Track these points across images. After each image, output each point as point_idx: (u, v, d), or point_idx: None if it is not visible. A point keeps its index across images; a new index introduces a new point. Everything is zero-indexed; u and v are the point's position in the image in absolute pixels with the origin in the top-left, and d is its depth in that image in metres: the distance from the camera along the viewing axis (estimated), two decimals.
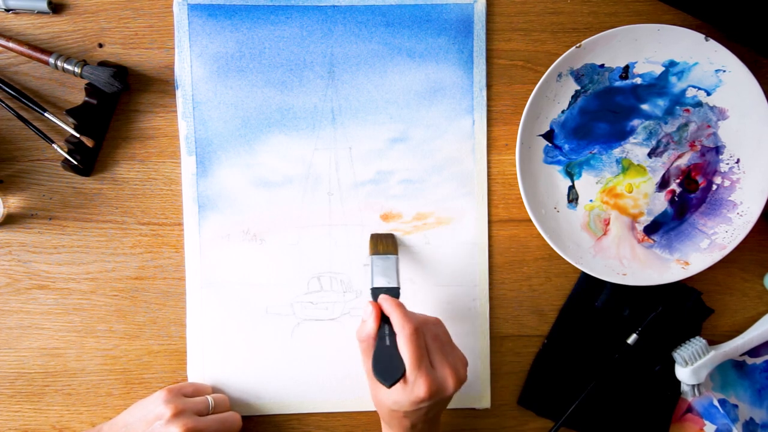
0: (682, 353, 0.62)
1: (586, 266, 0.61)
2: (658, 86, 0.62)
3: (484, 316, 0.64)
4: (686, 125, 0.62)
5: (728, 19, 0.60)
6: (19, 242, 0.62)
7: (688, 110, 0.62)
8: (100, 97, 0.59)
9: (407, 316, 0.52)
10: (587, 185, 0.63)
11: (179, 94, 0.61)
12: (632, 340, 0.63)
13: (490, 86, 0.63)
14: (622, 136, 0.63)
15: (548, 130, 0.62)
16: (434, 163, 0.63)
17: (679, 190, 0.63)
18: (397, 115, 0.63)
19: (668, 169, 0.63)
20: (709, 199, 0.63)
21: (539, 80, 0.60)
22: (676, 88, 0.62)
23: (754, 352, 0.65)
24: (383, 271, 0.58)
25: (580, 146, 0.63)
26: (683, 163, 0.63)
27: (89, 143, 0.60)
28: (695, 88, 0.62)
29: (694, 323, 0.64)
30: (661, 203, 0.63)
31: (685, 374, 0.62)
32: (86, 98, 0.59)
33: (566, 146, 0.63)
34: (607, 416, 0.64)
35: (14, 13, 0.60)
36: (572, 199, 0.63)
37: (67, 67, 0.58)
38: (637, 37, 0.60)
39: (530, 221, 0.61)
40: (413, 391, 0.50)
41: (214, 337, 0.62)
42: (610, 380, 0.64)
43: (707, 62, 0.60)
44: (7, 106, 0.60)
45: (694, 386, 0.63)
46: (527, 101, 0.60)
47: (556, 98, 0.62)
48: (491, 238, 0.64)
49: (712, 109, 0.62)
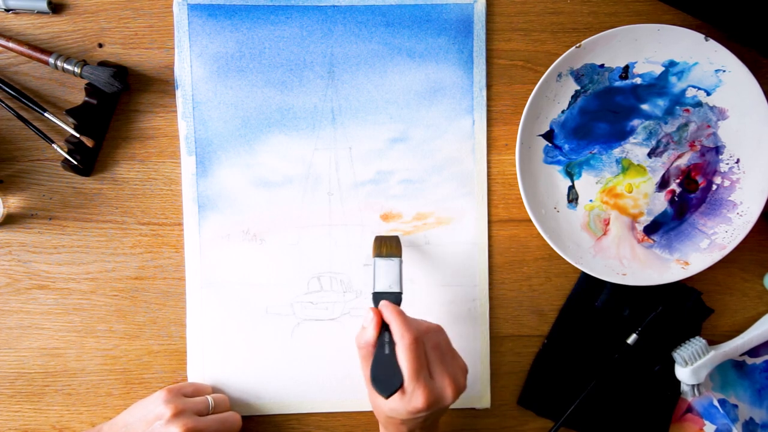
0: (682, 353, 0.62)
1: (586, 266, 0.61)
2: (658, 86, 0.62)
3: (484, 316, 0.64)
4: (686, 125, 0.62)
5: (728, 19, 0.60)
6: (19, 242, 0.62)
7: (688, 110, 0.62)
8: (100, 97, 0.59)
9: (407, 324, 0.51)
10: (587, 185, 0.63)
11: (179, 94, 0.61)
12: (632, 340, 0.63)
13: (490, 86, 0.63)
14: (622, 136, 0.63)
15: (548, 130, 0.62)
16: (434, 163, 0.63)
17: (679, 190, 0.63)
18: (397, 115, 0.63)
19: (668, 169, 0.63)
20: (709, 199, 0.63)
21: (539, 80, 0.60)
22: (676, 88, 0.62)
23: (754, 352, 0.65)
24: (385, 274, 0.57)
25: (580, 146, 0.63)
26: (683, 163, 0.63)
27: (89, 143, 0.60)
28: (695, 88, 0.62)
29: (694, 323, 0.64)
30: (661, 203, 0.63)
31: (685, 374, 0.62)
32: (86, 98, 0.59)
33: (566, 146, 0.63)
34: (607, 416, 0.64)
35: (14, 13, 0.60)
36: (572, 199, 0.63)
37: (67, 67, 0.58)
38: (637, 37, 0.60)
39: (530, 221, 0.61)
40: (411, 401, 0.49)
41: (214, 337, 0.62)
42: (610, 380, 0.64)
43: (707, 62, 0.60)
44: (7, 106, 0.60)
45: (694, 386, 0.63)
46: (527, 101, 0.60)
47: (556, 98, 0.62)
48: (491, 238, 0.64)
49: (712, 109, 0.62)
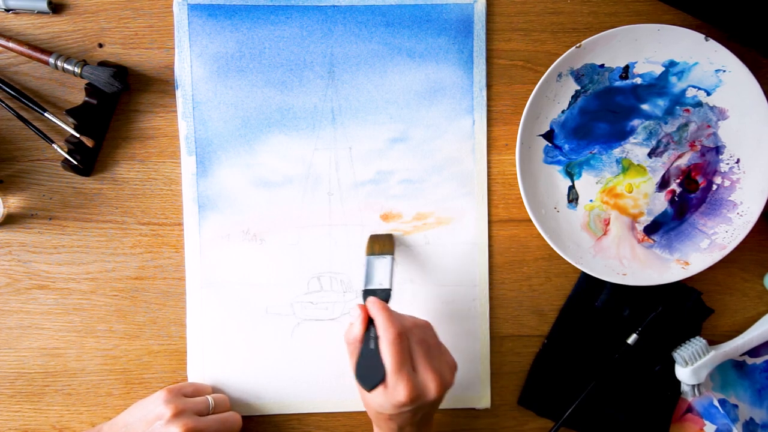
0: (682, 353, 0.62)
1: (586, 266, 0.61)
2: (658, 86, 0.62)
3: (484, 316, 0.64)
4: (686, 125, 0.62)
5: (728, 19, 0.60)
6: (19, 242, 0.62)
7: (688, 110, 0.62)
8: (100, 97, 0.59)
9: (391, 319, 0.51)
10: (587, 185, 0.63)
11: (179, 94, 0.61)
12: (632, 340, 0.63)
13: (490, 86, 0.63)
14: (622, 136, 0.63)
15: (548, 130, 0.62)
16: (434, 163, 0.63)
17: (679, 190, 0.63)
18: (397, 115, 0.63)
19: (668, 169, 0.63)
20: (709, 199, 0.63)
21: (539, 80, 0.60)
22: (676, 88, 0.62)
23: (754, 352, 0.65)
24: (376, 272, 0.58)
25: (580, 146, 0.63)
26: (683, 163, 0.63)
27: (89, 143, 0.60)
28: (695, 88, 0.62)
29: (694, 323, 0.64)
30: (661, 203, 0.63)
31: (685, 374, 0.62)
32: (86, 98, 0.59)
33: (566, 146, 0.63)
34: (607, 416, 0.64)
35: (14, 13, 0.60)
36: (572, 199, 0.63)
37: (67, 67, 0.58)
38: (637, 37, 0.60)
39: (530, 221, 0.61)
40: (393, 395, 0.50)
41: (214, 337, 0.62)
42: (610, 380, 0.64)
43: (707, 62, 0.60)
44: (7, 106, 0.60)
45: (694, 386, 0.63)
46: (527, 101, 0.60)
47: (556, 98, 0.62)
48: (491, 238, 0.64)
49: (712, 109, 0.62)
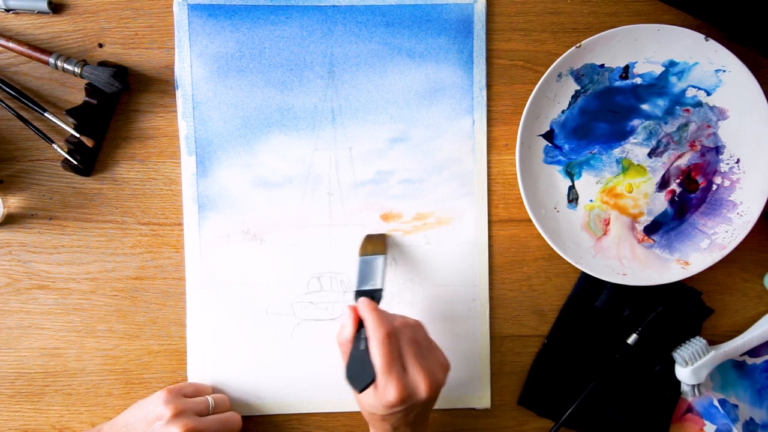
0: (682, 353, 0.62)
1: (586, 266, 0.61)
2: (658, 86, 0.62)
3: (484, 316, 0.64)
4: (686, 125, 0.62)
5: (728, 19, 0.60)
6: (19, 242, 0.62)
7: (688, 110, 0.62)
8: (100, 97, 0.59)
9: (381, 319, 0.51)
10: (587, 185, 0.63)
11: (179, 94, 0.61)
12: (632, 340, 0.63)
13: (490, 86, 0.63)
14: (622, 136, 0.63)
15: (548, 130, 0.62)
16: (434, 163, 0.63)
17: (679, 190, 0.63)
18: (397, 115, 0.63)
19: (668, 169, 0.63)
20: (709, 199, 0.63)
21: (539, 80, 0.60)
22: (676, 88, 0.62)
23: (754, 352, 0.65)
24: (368, 272, 0.58)
25: (580, 146, 0.63)
26: (683, 163, 0.63)
27: (89, 143, 0.60)
28: (695, 88, 0.62)
29: (694, 323, 0.64)
30: (661, 203, 0.63)
31: (685, 374, 0.62)
32: (86, 98, 0.59)
33: (566, 146, 0.63)
34: (607, 416, 0.64)
35: (14, 13, 0.60)
36: (572, 199, 0.63)
37: (67, 67, 0.58)
38: (637, 37, 0.60)
39: (530, 221, 0.61)
40: (384, 396, 0.49)
41: (214, 337, 0.62)
42: (610, 380, 0.64)
43: (707, 62, 0.60)
44: (7, 106, 0.60)
45: (694, 386, 0.63)
46: (527, 101, 0.60)
47: (556, 98, 0.62)
48: (491, 238, 0.64)
49: (712, 109, 0.62)
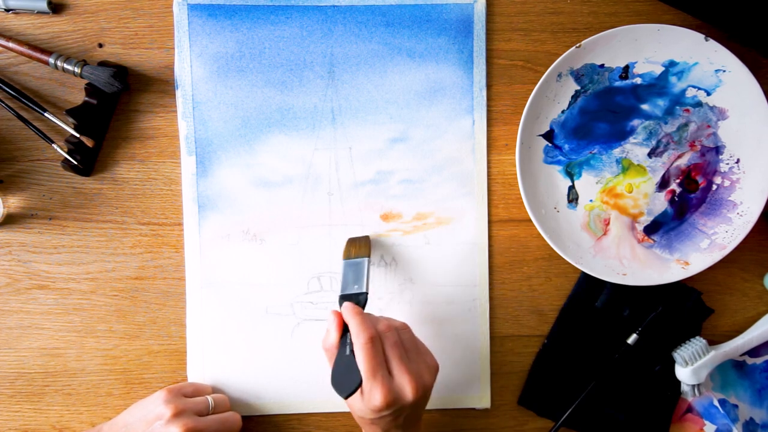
0: (682, 353, 0.62)
1: (586, 266, 0.61)
2: (658, 86, 0.62)
3: (484, 316, 0.64)
4: (686, 125, 0.62)
5: (728, 19, 0.60)
6: (19, 242, 0.62)
7: (688, 110, 0.62)
8: (100, 97, 0.59)
9: (364, 324, 0.51)
10: (587, 185, 0.63)
11: (179, 94, 0.61)
12: (632, 340, 0.63)
13: (490, 86, 0.63)
14: (622, 136, 0.63)
15: (548, 130, 0.62)
16: (434, 163, 0.63)
17: (679, 190, 0.63)
18: (397, 115, 0.63)
19: (668, 169, 0.63)
20: (709, 199, 0.63)
21: (539, 80, 0.60)
22: (676, 88, 0.62)
23: (754, 352, 0.65)
24: (352, 276, 0.58)
25: (580, 146, 0.63)
26: (683, 163, 0.63)
27: (89, 143, 0.60)
28: (695, 88, 0.62)
29: (694, 323, 0.64)
30: (661, 203, 0.63)
31: (685, 374, 0.62)
32: (86, 98, 0.59)
33: (566, 146, 0.63)
34: (607, 416, 0.64)
35: (14, 13, 0.60)
36: (572, 199, 0.63)
37: (67, 67, 0.58)
38: (637, 37, 0.60)
39: (530, 221, 0.61)
40: (370, 400, 0.49)
41: (214, 337, 0.62)
42: (610, 380, 0.64)
43: (707, 62, 0.60)
44: (7, 106, 0.60)
45: (694, 386, 0.63)
46: (527, 101, 0.60)
47: (556, 98, 0.62)
48: (491, 238, 0.64)
49: (712, 109, 0.62)
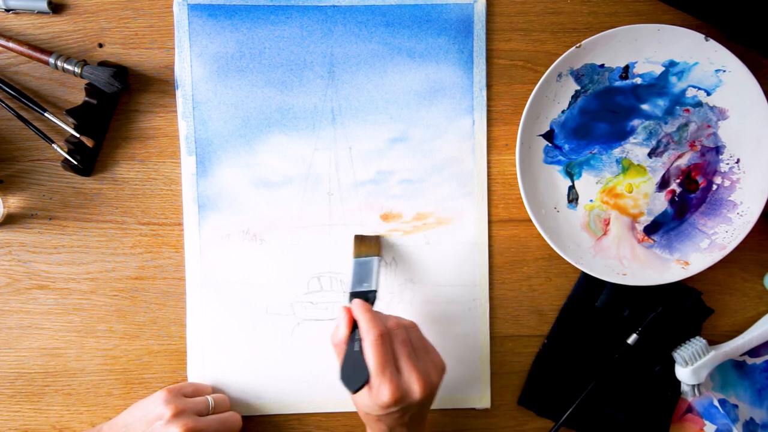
0: (682, 353, 0.62)
1: (586, 266, 0.61)
2: (658, 86, 0.62)
3: (484, 316, 0.64)
4: (686, 125, 0.62)
5: (728, 19, 0.60)
6: (19, 242, 0.62)
7: (688, 110, 0.62)
8: (100, 97, 0.59)
9: (374, 320, 0.51)
10: (587, 185, 0.63)
11: (179, 94, 0.61)
12: (632, 340, 0.63)
13: (490, 86, 0.63)
14: (622, 136, 0.63)
15: (548, 130, 0.62)
16: (434, 163, 0.63)
17: (679, 190, 0.63)
18: (397, 115, 0.63)
19: (668, 169, 0.63)
20: (709, 199, 0.63)
21: (539, 80, 0.60)
22: (676, 88, 0.62)
23: (754, 352, 0.65)
24: (362, 274, 0.58)
25: (580, 146, 0.63)
26: (683, 163, 0.63)
27: (89, 143, 0.60)
28: (695, 88, 0.62)
29: (694, 323, 0.64)
30: (661, 203, 0.63)
31: (685, 374, 0.62)
32: (86, 98, 0.59)
33: (566, 146, 0.63)
34: (607, 416, 0.64)
35: (14, 13, 0.60)
36: (572, 199, 0.63)
37: (67, 67, 0.58)
38: (637, 37, 0.60)
39: (530, 221, 0.61)
40: (378, 396, 0.50)
41: (214, 337, 0.62)
42: (610, 380, 0.64)
43: (707, 62, 0.60)
44: (7, 106, 0.60)
45: (694, 386, 0.63)
46: (527, 101, 0.60)
47: (556, 98, 0.62)
48: (491, 238, 0.64)
49: (712, 109, 0.62)
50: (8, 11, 0.60)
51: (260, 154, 0.62)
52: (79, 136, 0.59)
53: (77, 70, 0.58)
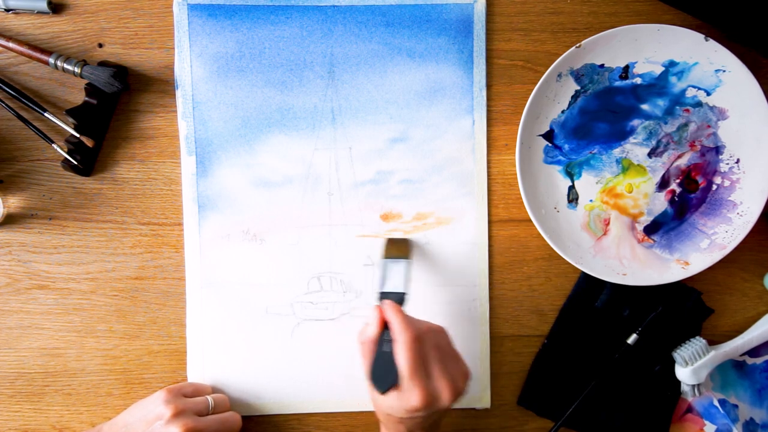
0: (682, 353, 0.62)
1: (586, 266, 0.61)
2: (658, 86, 0.62)
3: (484, 316, 0.64)
4: (686, 125, 0.62)
5: (728, 19, 0.60)
6: (19, 242, 0.62)
7: (688, 110, 0.62)
8: (100, 97, 0.59)
9: (407, 323, 0.51)
10: (587, 185, 0.63)
11: (179, 94, 0.61)
12: (632, 340, 0.63)
13: (490, 86, 0.63)
14: (622, 136, 0.63)
15: (548, 130, 0.62)
16: (434, 163, 0.63)
17: (679, 190, 0.63)
18: (397, 115, 0.63)
19: (668, 169, 0.63)
20: (709, 199, 0.63)
21: (539, 80, 0.60)
22: (676, 88, 0.62)
23: (754, 352, 0.65)
24: (392, 275, 0.58)
25: (580, 146, 0.63)
26: (683, 163, 0.63)
27: (89, 143, 0.60)
28: (695, 88, 0.62)
29: (694, 323, 0.64)
30: (661, 203, 0.63)
31: (685, 374, 0.62)
32: (86, 98, 0.59)
33: (566, 146, 0.63)
34: (607, 416, 0.64)
35: (14, 13, 0.60)
36: (572, 199, 0.63)
37: (67, 67, 0.58)
38: (637, 37, 0.60)
39: (530, 221, 0.61)
40: (407, 400, 0.50)
41: (214, 337, 0.62)
42: (610, 380, 0.64)
43: (707, 62, 0.60)
44: (7, 106, 0.60)
45: (694, 386, 0.63)
46: (527, 101, 0.60)
47: (556, 98, 0.62)
48: (491, 238, 0.64)
49: (712, 109, 0.62)
50: (8, 11, 0.60)
51: (260, 154, 0.62)
52: (79, 136, 0.59)
53: (77, 70, 0.58)
